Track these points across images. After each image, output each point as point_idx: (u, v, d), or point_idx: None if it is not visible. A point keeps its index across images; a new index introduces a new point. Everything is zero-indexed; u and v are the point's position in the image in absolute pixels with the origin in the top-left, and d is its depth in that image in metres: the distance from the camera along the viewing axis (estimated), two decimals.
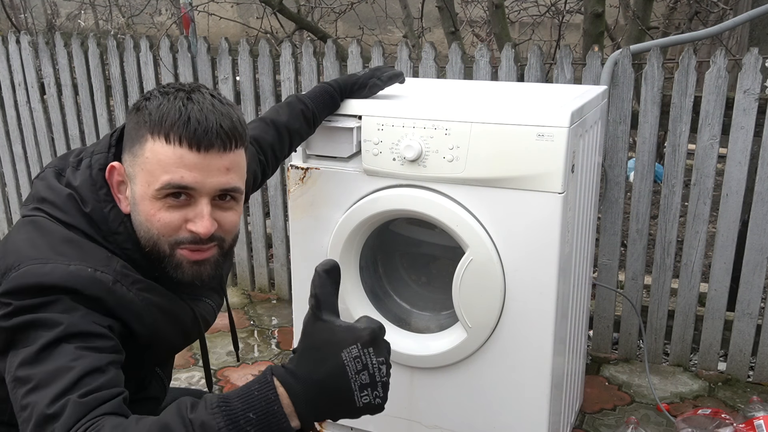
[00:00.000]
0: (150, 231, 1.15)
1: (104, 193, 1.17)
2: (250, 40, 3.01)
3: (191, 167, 1.11)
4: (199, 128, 1.11)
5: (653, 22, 3.93)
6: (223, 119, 1.13)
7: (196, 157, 1.11)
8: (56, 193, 1.18)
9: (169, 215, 1.14)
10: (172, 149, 1.11)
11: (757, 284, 2.41)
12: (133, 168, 1.15)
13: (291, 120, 1.67)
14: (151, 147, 1.12)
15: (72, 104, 3.39)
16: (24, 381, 1.01)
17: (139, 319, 1.13)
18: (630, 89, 2.38)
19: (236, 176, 1.17)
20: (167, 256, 1.16)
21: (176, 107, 1.12)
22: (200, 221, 1.14)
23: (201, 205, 1.14)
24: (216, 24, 4.99)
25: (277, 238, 3.14)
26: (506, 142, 1.62)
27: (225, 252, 1.22)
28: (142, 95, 1.20)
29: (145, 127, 1.13)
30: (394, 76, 1.84)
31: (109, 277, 1.10)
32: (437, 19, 3.99)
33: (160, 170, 1.11)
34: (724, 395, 2.44)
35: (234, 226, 1.21)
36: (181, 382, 2.52)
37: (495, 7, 3.48)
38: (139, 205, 1.15)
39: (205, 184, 1.13)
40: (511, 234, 1.67)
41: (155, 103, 1.14)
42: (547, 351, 1.72)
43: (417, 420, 1.94)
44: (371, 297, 1.93)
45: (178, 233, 1.15)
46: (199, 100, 1.14)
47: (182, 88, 1.16)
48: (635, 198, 2.47)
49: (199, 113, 1.12)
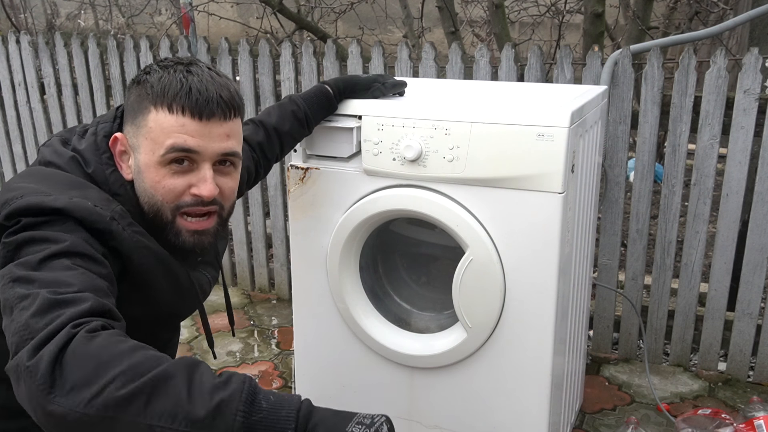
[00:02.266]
0: (154, 197, 1.20)
1: (107, 157, 1.23)
2: (250, 40, 3.01)
3: (194, 134, 1.17)
4: (200, 98, 1.17)
5: (653, 22, 3.94)
6: (222, 90, 1.20)
7: (198, 124, 1.17)
8: (60, 156, 1.23)
9: (173, 180, 1.19)
10: (175, 118, 1.17)
11: (757, 284, 2.41)
12: (137, 138, 1.21)
13: (280, 121, 1.69)
14: (154, 117, 1.18)
15: (72, 104, 3.39)
16: (24, 280, 0.99)
17: (128, 258, 1.16)
18: (630, 89, 2.38)
19: (235, 141, 1.24)
20: (169, 223, 1.21)
21: (177, 79, 1.18)
22: (203, 184, 1.20)
23: (204, 170, 1.20)
24: (216, 24, 4.99)
25: (277, 238, 3.14)
26: (506, 142, 1.62)
27: (223, 221, 1.28)
28: (141, 70, 1.25)
29: (147, 99, 1.18)
30: (398, 85, 1.84)
31: (106, 213, 1.13)
32: (437, 19, 3.99)
33: (163, 136, 1.17)
34: (724, 395, 2.44)
35: (232, 192, 1.28)
36: None
37: (495, 7, 3.48)
38: (144, 173, 1.20)
39: (207, 149, 1.19)
40: (511, 234, 1.67)
41: (156, 76, 1.19)
42: (547, 351, 1.72)
43: (417, 420, 1.94)
44: (371, 297, 1.93)
45: (181, 198, 1.20)
46: (198, 72, 1.20)
47: (180, 61, 1.22)
48: (635, 198, 2.47)
49: (199, 84, 1.18)
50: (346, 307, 1.90)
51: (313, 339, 2.00)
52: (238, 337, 2.88)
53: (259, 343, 2.85)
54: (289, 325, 2.95)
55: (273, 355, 2.75)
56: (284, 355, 2.74)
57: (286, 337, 2.87)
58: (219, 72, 1.24)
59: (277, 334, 2.91)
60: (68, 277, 1.00)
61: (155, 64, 1.24)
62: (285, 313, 3.07)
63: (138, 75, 1.24)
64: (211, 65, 1.26)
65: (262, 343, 2.85)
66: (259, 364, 2.68)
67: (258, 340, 2.87)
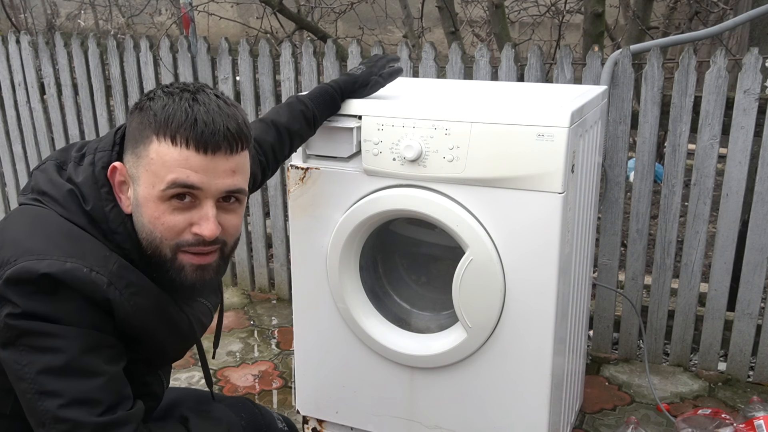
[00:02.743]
0: (153, 233, 1.14)
1: (106, 191, 1.17)
2: (250, 40, 3.01)
3: (197, 169, 1.11)
4: (206, 130, 1.10)
5: (653, 22, 3.93)
6: (229, 121, 1.13)
7: (203, 159, 1.11)
8: (57, 188, 1.17)
9: (173, 218, 1.13)
10: (178, 151, 1.10)
11: (757, 284, 2.41)
12: (137, 169, 1.14)
13: (291, 121, 1.66)
14: (156, 148, 1.11)
15: (72, 104, 3.39)
16: (54, 394, 1.06)
17: (126, 321, 1.14)
18: (630, 89, 2.38)
19: (241, 178, 1.17)
20: (169, 260, 1.16)
21: (182, 108, 1.11)
22: (205, 224, 1.14)
23: (206, 207, 1.14)
24: (216, 24, 4.99)
25: (277, 238, 3.14)
26: (506, 142, 1.62)
27: (226, 257, 1.22)
28: (144, 94, 1.19)
29: (150, 128, 1.12)
30: (395, 73, 1.83)
31: (103, 279, 1.10)
32: (437, 19, 3.99)
33: (165, 171, 1.11)
34: (724, 395, 2.44)
35: (236, 229, 1.21)
36: (181, 382, 2.52)
37: (495, 7, 3.48)
38: (143, 206, 1.14)
39: (211, 186, 1.13)
40: (511, 234, 1.67)
41: (160, 103, 1.13)
42: (547, 351, 1.72)
43: (417, 420, 1.94)
44: (371, 297, 1.93)
45: (181, 236, 1.15)
46: (205, 101, 1.13)
47: (186, 88, 1.15)
48: (635, 198, 2.47)
49: (205, 115, 1.11)
50: (346, 307, 1.90)
51: (313, 339, 2.00)
52: (238, 337, 2.88)
53: (259, 343, 2.85)
54: (289, 325, 2.95)
55: (273, 355, 2.75)
56: (284, 355, 2.74)
57: (286, 337, 2.87)
58: (227, 100, 1.17)
59: (277, 334, 2.91)
60: (95, 392, 1.07)
61: (160, 89, 1.17)
62: (285, 313, 3.07)
63: (141, 100, 1.18)
64: (220, 92, 1.19)
65: (262, 343, 2.85)
66: (259, 364, 2.68)
67: (258, 340, 2.87)
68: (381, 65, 1.83)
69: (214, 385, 2.52)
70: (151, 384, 1.35)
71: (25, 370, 1.07)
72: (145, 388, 1.33)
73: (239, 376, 2.60)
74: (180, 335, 1.28)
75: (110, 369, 1.10)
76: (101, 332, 1.10)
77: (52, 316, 1.06)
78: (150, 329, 1.18)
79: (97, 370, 1.08)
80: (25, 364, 1.07)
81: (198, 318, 1.32)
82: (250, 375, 2.61)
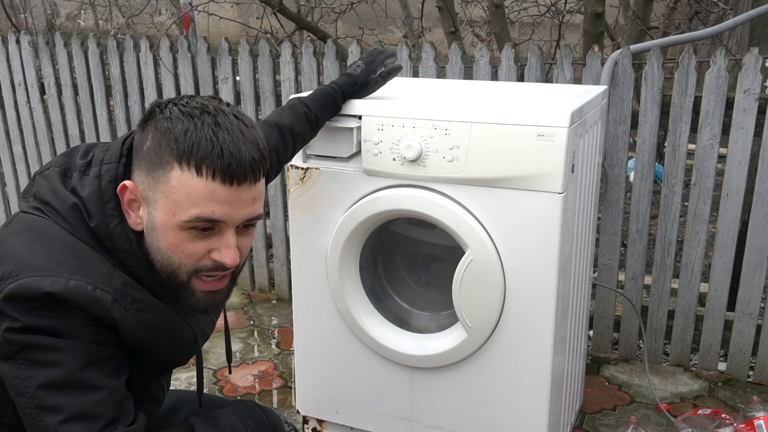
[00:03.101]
0: (170, 259, 1.12)
1: (111, 207, 1.13)
2: (250, 40, 3.01)
3: (222, 201, 1.08)
4: (233, 162, 1.07)
5: (653, 22, 3.93)
6: (253, 149, 1.10)
7: (228, 191, 1.08)
8: (61, 201, 1.14)
9: (193, 246, 1.11)
10: (203, 183, 1.07)
11: (757, 284, 2.41)
12: (154, 193, 1.11)
13: (294, 123, 1.65)
14: (178, 177, 1.07)
15: (72, 104, 3.39)
16: (54, 410, 1.05)
17: (131, 337, 1.13)
18: (630, 89, 2.38)
19: (260, 203, 1.16)
20: (184, 285, 1.15)
21: (206, 136, 1.07)
22: (227, 252, 1.12)
23: (227, 236, 1.12)
24: (216, 24, 4.99)
25: (277, 238, 3.14)
26: (506, 142, 1.62)
27: (236, 278, 1.22)
28: (156, 106, 1.13)
29: (171, 153, 1.08)
30: (393, 71, 1.83)
31: (108, 297, 1.08)
32: (437, 19, 3.99)
33: (189, 203, 1.08)
34: (724, 395, 2.44)
35: (248, 249, 1.21)
36: (181, 382, 2.52)
37: (495, 7, 3.48)
38: (160, 232, 1.11)
39: (234, 216, 1.11)
40: (511, 234, 1.67)
41: (180, 126, 1.08)
42: (547, 351, 1.72)
43: (417, 420, 1.94)
44: (371, 297, 1.93)
45: (200, 262, 1.13)
46: (227, 126, 1.09)
47: (206, 109, 1.10)
48: (635, 198, 2.47)
49: (231, 144, 1.07)
50: (346, 307, 1.90)
51: (313, 339, 2.00)
52: (237, 337, 2.88)
53: (259, 343, 2.85)
54: (289, 325, 2.95)
55: (273, 355, 2.75)
56: (284, 355, 2.74)
57: (286, 337, 2.87)
58: (246, 121, 1.13)
59: (277, 334, 2.91)
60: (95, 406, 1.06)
61: (175, 106, 1.11)
62: (285, 313, 3.07)
63: (154, 114, 1.11)
64: (237, 111, 1.14)
65: (262, 343, 2.85)
66: (259, 364, 2.68)
67: (258, 340, 2.87)
68: (380, 61, 1.81)
69: (214, 385, 2.53)
70: (153, 389, 1.35)
71: (24, 384, 1.05)
72: (147, 392, 1.33)
73: (239, 376, 2.60)
74: (183, 347, 1.27)
75: (111, 383, 1.09)
76: (102, 345, 1.09)
77: (52, 330, 1.05)
78: (155, 344, 1.18)
79: (97, 384, 1.07)
80: (25, 378, 1.05)
81: (201, 328, 1.32)
82: (250, 375, 2.61)
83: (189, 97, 1.14)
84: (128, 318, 1.11)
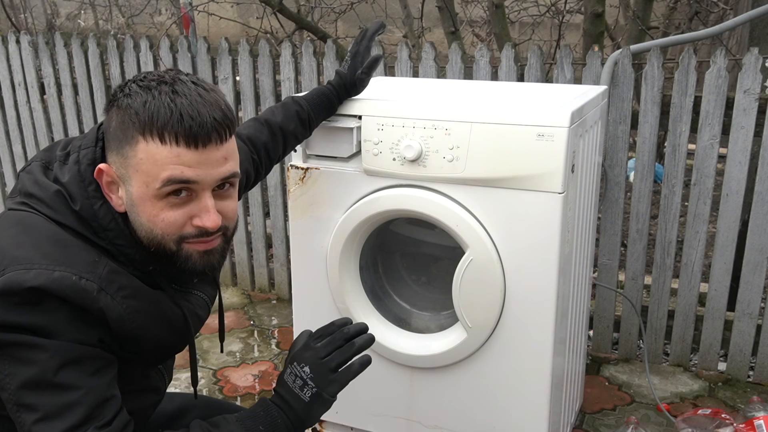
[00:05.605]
0: (153, 231, 1.14)
1: (93, 189, 1.15)
2: (250, 40, 3.01)
3: (190, 164, 1.10)
4: (194, 124, 1.08)
5: (653, 22, 3.93)
6: (214, 110, 1.11)
7: (195, 153, 1.10)
8: (44, 189, 1.15)
9: (173, 214, 1.13)
10: (168, 149, 1.08)
11: (757, 284, 2.41)
12: (126, 169, 1.12)
13: (285, 121, 1.66)
14: (144, 148, 1.09)
15: (72, 104, 3.39)
16: (30, 408, 1.06)
17: (120, 326, 1.13)
18: (630, 89, 2.38)
19: (233, 162, 1.17)
20: (175, 252, 1.16)
21: (164, 103, 1.08)
22: (206, 215, 1.13)
23: (204, 199, 1.13)
24: (216, 24, 4.99)
25: (277, 238, 3.14)
26: (506, 142, 1.62)
27: (229, 239, 1.23)
28: (117, 88, 1.14)
29: (133, 127, 1.09)
30: (374, 63, 1.79)
31: (93, 286, 1.09)
32: (437, 19, 3.99)
33: (157, 169, 1.09)
34: (724, 395, 2.44)
35: (234, 212, 1.22)
36: (181, 382, 2.52)
37: (495, 7, 3.49)
38: (139, 206, 1.13)
39: (206, 177, 1.12)
40: (511, 234, 1.67)
41: (139, 100, 1.09)
42: (547, 351, 1.72)
43: (417, 420, 1.94)
44: (371, 297, 1.93)
45: (183, 230, 1.14)
46: (185, 91, 1.10)
47: (163, 79, 1.11)
48: (635, 198, 2.47)
49: (190, 108, 1.08)
50: (346, 307, 1.90)
51: None
52: (238, 337, 2.88)
53: (259, 343, 2.85)
54: (289, 325, 2.95)
55: (273, 355, 2.75)
56: (284, 355, 2.74)
57: (286, 337, 2.87)
58: (205, 85, 1.14)
59: (277, 334, 2.91)
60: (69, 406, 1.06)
61: (134, 83, 1.12)
62: (285, 313, 3.07)
63: (115, 95, 1.13)
64: (196, 78, 1.15)
65: (262, 343, 2.85)
66: (259, 364, 2.68)
67: (258, 340, 2.87)
68: (364, 49, 1.78)
69: (214, 385, 2.53)
70: (152, 378, 1.35)
71: (6, 380, 1.07)
72: (146, 382, 1.33)
73: (239, 376, 2.60)
74: (176, 331, 1.27)
75: (90, 382, 1.09)
76: (85, 345, 1.09)
77: (35, 327, 1.05)
78: (146, 329, 1.18)
79: (75, 384, 1.07)
80: (7, 375, 1.07)
81: (194, 311, 1.31)
82: (250, 375, 2.61)
83: (147, 72, 1.15)
84: (115, 305, 1.11)
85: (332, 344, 1.24)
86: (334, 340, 1.25)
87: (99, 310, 1.09)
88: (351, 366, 1.24)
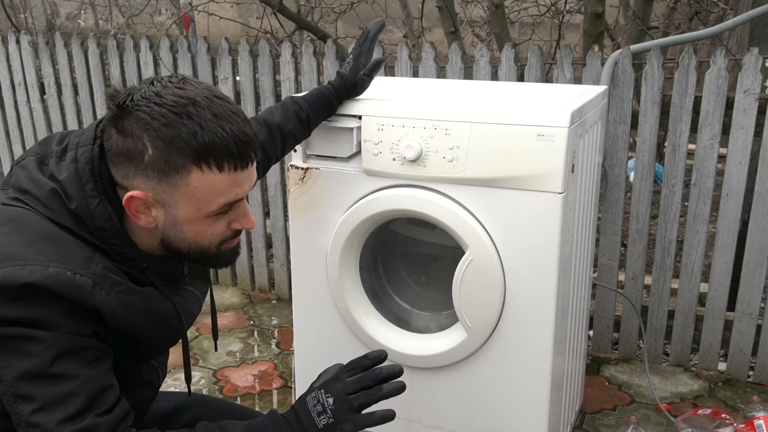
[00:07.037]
0: (200, 243, 1.20)
1: (90, 188, 1.15)
2: (250, 40, 3.01)
3: (242, 182, 1.17)
4: (246, 148, 1.14)
5: (653, 22, 3.93)
6: (247, 126, 1.16)
7: (243, 173, 1.16)
8: (39, 187, 1.15)
9: (219, 226, 1.20)
10: (226, 176, 1.13)
11: (757, 284, 2.41)
12: (171, 196, 1.13)
13: (284, 121, 1.67)
14: (199, 177, 1.11)
15: (72, 104, 3.39)
16: (28, 399, 1.07)
17: (115, 321, 1.14)
18: (630, 89, 2.38)
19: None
20: (214, 254, 1.23)
21: (213, 131, 1.10)
22: (246, 220, 1.22)
23: (243, 205, 1.21)
24: (216, 24, 4.99)
25: (277, 238, 3.14)
26: (506, 142, 1.62)
27: None
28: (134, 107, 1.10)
29: (186, 158, 1.10)
30: (377, 66, 1.80)
31: (88, 281, 1.09)
32: (437, 19, 3.99)
33: (215, 195, 1.15)
34: (724, 395, 2.44)
35: None
36: (181, 381, 2.52)
37: (495, 7, 3.49)
38: (185, 225, 1.17)
39: (249, 189, 1.21)
40: (511, 234, 1.67)
41: (185, 130, 1.09)
42: (547, 351, 1.72)
43: (417, 420, 1.94)
44: (371, 297, 1.93)
45: (224, 235, 1.22)
46: (223, 114, 1.12)
47: (195, 101, 1.10)
48: (635, 198, 2.47)
49: (239, 132, 1.13)
50: (346, 307, 1.90)
51: (313, 339, 2.00)
52: (238, 337, 2.88)
53: (259, 343, 2.85)
54: (289, 325, 2.95)
55: (273, 355, 2.75)
56: (284, 355, 2.74)
57: (286, 337, 2.87)
58: (227, 98, 1.15)
59: (277, 334, 2.91)
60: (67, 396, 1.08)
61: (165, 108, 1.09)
62: (285, 313, 3.07)
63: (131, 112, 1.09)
64: (216, 90, 1.16)
65: (262, 343, 2.85)
66: (259, 364, 2.68)
67: (258, 340, 2.87)
68: (366, 50, 1.79)
69: (214, 385, 2.53)
70: (144, 372, 1.35)
71: (2, 372, 1.07)
72: (139, 376, 1.33)
73: (239, 376, 2.60)
74: (169, 326, 1.28)
75: (87, 372, 1.10)
76: (81, 336, 1.10)
77: (30, 320, 1.06)
78: (140, 324, 1.19)
79: (72, 374, 1.08)
80: (3, 367, 1.07)
81: (186, 306, 1.32)
82: (250, 375, 2.61)
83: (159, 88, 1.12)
84: (110, 300, 1.12)
85: (361, 383, 1.27)
86: (364, 378, 1.28)
87: (94, 306, 1.10)
88: (372, 415, 1.25)
